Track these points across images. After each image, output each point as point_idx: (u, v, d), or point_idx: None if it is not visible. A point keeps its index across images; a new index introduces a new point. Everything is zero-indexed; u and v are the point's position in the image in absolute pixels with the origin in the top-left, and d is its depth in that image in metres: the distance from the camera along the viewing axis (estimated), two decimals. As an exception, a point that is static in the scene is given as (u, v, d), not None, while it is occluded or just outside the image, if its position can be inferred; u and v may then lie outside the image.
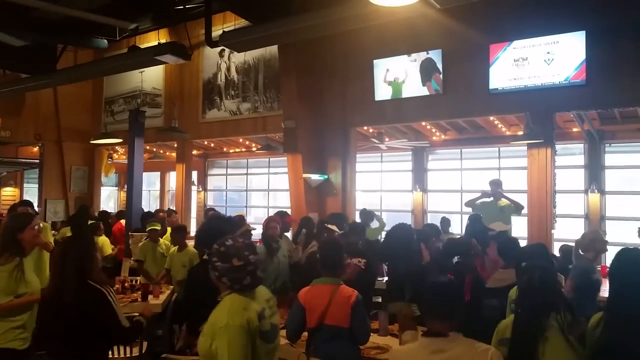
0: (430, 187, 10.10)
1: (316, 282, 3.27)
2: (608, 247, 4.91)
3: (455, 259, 4.22)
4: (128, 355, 4.39)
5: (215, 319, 2.20)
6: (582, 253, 4.63)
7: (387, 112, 8.09)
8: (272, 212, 10.91)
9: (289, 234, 6.78)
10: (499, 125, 8.55)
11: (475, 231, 6.30)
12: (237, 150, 12.19)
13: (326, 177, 8.53)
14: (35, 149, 12.55)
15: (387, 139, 9.10)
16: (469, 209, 7.43)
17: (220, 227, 3.55)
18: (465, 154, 9.82)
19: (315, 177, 8.39)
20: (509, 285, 3.42)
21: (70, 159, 12.27)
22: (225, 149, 12.32)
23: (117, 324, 2.87)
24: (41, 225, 3.65)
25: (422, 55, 7.60)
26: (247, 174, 13.02)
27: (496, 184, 7.25)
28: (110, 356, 3.97)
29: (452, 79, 7.46)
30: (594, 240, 4.56)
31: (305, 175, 8.25)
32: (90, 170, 12.61)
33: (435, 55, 7.53)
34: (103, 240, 7.31)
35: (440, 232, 6.41)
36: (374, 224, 7.17)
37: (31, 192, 13.68)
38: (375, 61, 8.02)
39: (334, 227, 5.55)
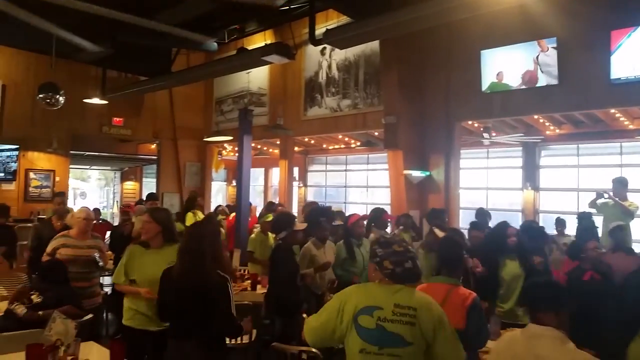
0: (542, 185, 9.48)
1: (433, 279, 3.20)
2: None
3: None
4: (238, 342, 4.59)
5: None
6: None
7: (494, 105, 7.71)
8: (370, 209, 10.88)
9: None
10: (621, 119, 7.82)
11: (584, 228, 5.87)
12: (337, 146, 12.33)
13: (428, 173, 8.34)
14: (153, 146, 13.60)
15: (494, 134, 8.70)
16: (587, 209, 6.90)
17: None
18: (583, 149, 9.09)
19: (417, 173, 8.23)
20: None
21: (184, 155, 13.21)
22: (324, 146, 12.52)
23: (229, 314, 2.95)
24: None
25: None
26: (346, 170, 13.12)
27: (620, 182, 6.63)
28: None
29: (568, 69, 6.93)
30: None
31: (406, 172, 8.13)
32: (202, 166, 13.48)
33: (550, 44, 7.05)
34: None
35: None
36: None
37: (149, 186, 14.87)
38: (482, 52, 7.69)
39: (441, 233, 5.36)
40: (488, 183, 10.29)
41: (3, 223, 6.28)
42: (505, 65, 7.49)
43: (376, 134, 10.14)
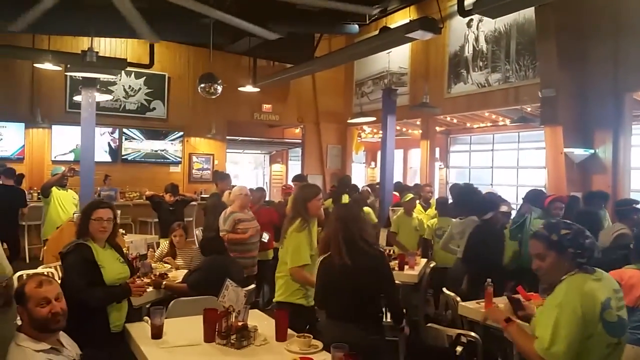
0: None
1: (630, 267, 3.19)
2: None
3: None
4: (385, 322, 4.59)
5: (553, 296, 2.13)
6: None
7: (677, 71, 6.67)
8: (520, 191, 10.17)
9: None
10: None
11: None
12: (482, 125, 11.68)
13: (592, 151, 7.51)
14: (297, 130, 14.22)
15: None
16: None
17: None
18: None
19: (579, 151, 7.45)
20: None
21: (326, 138, 13.62)
22: (468, 125, 11.94)
23: (393, 288, 2.97)
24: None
25: None
26: (492, 150, 12.38)
27: None
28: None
29: None
30: None
31: (566, 150, 7.41)
32: (342, 148, 13.78)
33: None
34: (367, 211, 7.73)
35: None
36: None
37: (294, 169, 15.57)
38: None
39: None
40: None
41: (174, 200, 7.02)
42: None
43: (529, 109, 9.39)
